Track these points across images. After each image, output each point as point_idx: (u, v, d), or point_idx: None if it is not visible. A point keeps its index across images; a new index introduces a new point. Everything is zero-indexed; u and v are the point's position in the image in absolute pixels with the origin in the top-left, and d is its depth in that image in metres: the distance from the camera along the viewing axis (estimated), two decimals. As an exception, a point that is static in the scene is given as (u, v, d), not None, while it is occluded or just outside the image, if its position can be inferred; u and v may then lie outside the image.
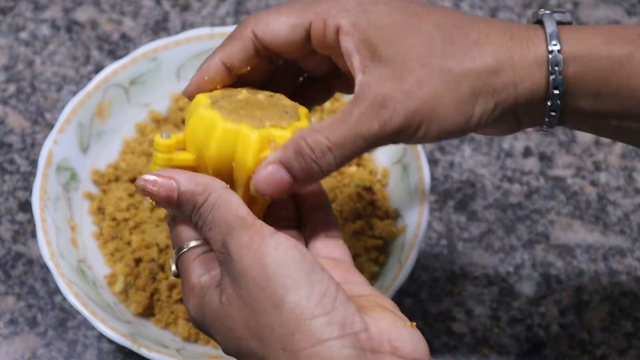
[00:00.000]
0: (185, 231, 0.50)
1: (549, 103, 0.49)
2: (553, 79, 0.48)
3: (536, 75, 0.49)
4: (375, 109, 0.48)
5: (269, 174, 0.49)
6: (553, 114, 0.49)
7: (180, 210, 0.49)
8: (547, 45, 0.48)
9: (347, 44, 0.49)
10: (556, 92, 0.48)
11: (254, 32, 0.51)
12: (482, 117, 0.49)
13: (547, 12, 0.50)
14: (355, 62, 0.49)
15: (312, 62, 0.54)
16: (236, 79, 0.53)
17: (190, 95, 0.53)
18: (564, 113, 0.50)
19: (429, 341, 0.69)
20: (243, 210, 0.47)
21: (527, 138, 0.79)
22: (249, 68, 0.52)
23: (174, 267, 0.51)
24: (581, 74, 0.48)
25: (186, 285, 0.49)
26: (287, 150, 0.48)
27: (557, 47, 0.48)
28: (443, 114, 0.48)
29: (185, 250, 0.50)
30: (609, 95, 0.48)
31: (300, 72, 0.56)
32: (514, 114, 0.50)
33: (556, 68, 0.48)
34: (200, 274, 0.48)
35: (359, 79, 0.49)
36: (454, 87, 0.48)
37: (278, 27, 0.51)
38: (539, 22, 0.50)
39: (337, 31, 0.50)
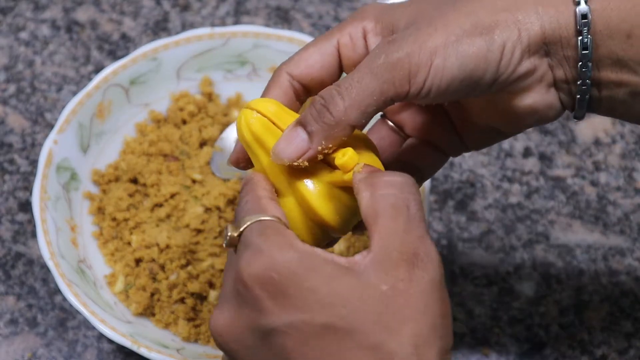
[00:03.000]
0: (271, 208, 0.47)
1: (579, 38, 0.47)
2: (579, 9, 0.46)
3: (560, 5, 0.47)
4: (383, 46, 0.46)
5: (287, 135, 0.47)
6: (586, 52, 0.47)
7: None
8: None
9: (374, 39, 0.49)
10: (584, 20, 0.46)
11: (288, 73, 0.50)
12: (508, 46, 0.47)
13: None
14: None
15: (409, 120, 0.53)
16: None
17: (236, 164, 0.52)
18: (598, 66, 0.48)
19: (429, 341, 0.70)
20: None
21: (527, 138, 0.79)
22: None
23: (233, 232, 0.46)
24: (609, 9, 0.47)
25: (276, 241, 0.44)
26: (304, 111, 0.47)
27: None
28: (457, 42, 0.46)
29: (267, 219, 0.45)
30: None
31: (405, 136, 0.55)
32: (546, 56, 0.48)
33: None
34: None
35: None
36: (465, 18, 0.46)
37: (308, 58, 0.50)
38: None
39: (364, 34, 0.49)
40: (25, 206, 0.75)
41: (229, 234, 0.46)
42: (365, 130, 0.55)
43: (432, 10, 0.48)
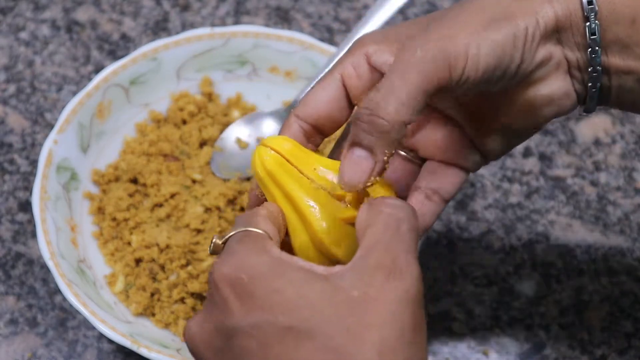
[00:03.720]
0: (265, 224, 0.47)
1: (587, 24, 0.48)
2: None
3: None
4: (412, 44, 0.46)
5: (348, 161, 0.46)
6: (594, 37, 0.48)
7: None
8: None
9: (382, 57, 0.49)
10: (591, 6, 0.47)
11: (296, 115, 0.51)
12: (529, 32, 0.47)
13: None
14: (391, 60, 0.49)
15: (424, 141, 0.53)
16: None
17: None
18: (606, 52, 0.49)
19: (429, 341, 0.70)
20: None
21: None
22: None
23: (218, 240, 0.47)
24: None
25: (251, 246, 0.45)
26: (351, 130, 0.47)
27: None
28: (485, 31, 0.47)
29: (254, 230, 0.46)
30: None
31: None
32: (559, 43, 0.49)
33: None
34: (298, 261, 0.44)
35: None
36: (483, 12, 0.47)
37: (315, 97, 0.50)
38: None
39: (368, 59, 0.50)
40: (25, 206, 0.75)
41: (214, 241, 0.47)
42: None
43: (441, 16, 0.49)
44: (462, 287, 0.72)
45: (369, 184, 0.47)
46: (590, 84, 0.50)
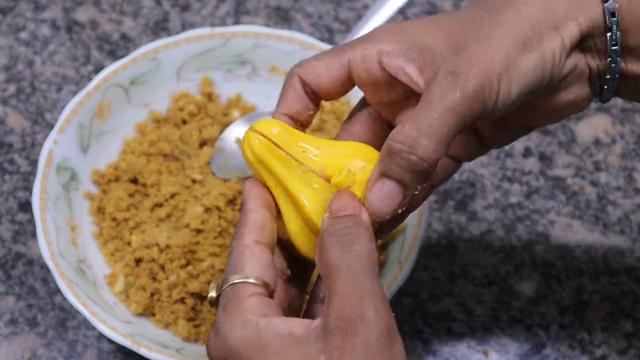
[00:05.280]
0: (251, 262, 0.48)
1: (609, 35, 0.49)
2: (607, 6, 0.49)
3: (589, 5, 0.49)
4: (450, 79, 0.47)
5: (378, 191, 0.48)
6: (615, 47, 0.49)
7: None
8: None
9: (395, 61, 0.50)
10: (613, 18, 0.49)
11: (300, 76, 0.52)
12: (556, 53, 0.48)
13: None
14: (412, 71, 0.49)
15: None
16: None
17: None
18: (624, 58, 0.50)
19: (429, 341, 0.70)
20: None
21: (527, 138, 0.79)
22: (311, 113, 0.53)
23: (213, 293, 0.49)
24: (634, 6, 0.49)
25: (233, 318, 0.47)
26: (382, 160, 0.48)
27: None
28: (516, 61, 0.48)
29: (239, 282, 0.48)
30: None
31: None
32: (581, 52, 0.50)
33: None
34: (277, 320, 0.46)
35: (424, 76, 0.49)
36: (512, 35, 0.48)
37: (319, 69, 0.52)
38: None
39: (379, 57, 0.50)
40: (25, 206, 0.75)
41: (210, 294, 0.49)
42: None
43: (469, 29, 0.49)
44: (462, 287, 0.72)
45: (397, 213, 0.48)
46: (606, 86, 0.51)
